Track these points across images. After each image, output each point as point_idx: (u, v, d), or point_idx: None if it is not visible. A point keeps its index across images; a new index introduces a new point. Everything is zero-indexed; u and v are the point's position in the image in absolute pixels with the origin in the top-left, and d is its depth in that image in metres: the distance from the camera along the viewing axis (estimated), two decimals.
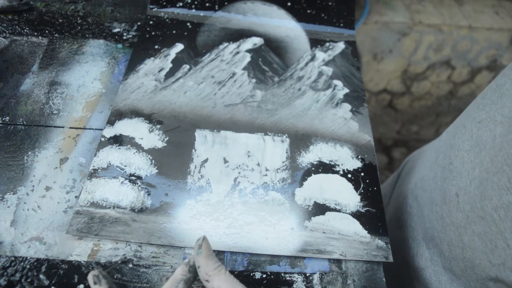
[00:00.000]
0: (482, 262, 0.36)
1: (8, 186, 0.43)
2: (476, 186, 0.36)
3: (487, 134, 0.37)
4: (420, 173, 0.53)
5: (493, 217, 0.34)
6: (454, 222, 0.40)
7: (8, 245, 0.39)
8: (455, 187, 0.40)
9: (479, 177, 0.36)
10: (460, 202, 0.39)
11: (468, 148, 0.39)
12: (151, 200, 0.43)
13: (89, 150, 0.47)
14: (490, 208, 0.34)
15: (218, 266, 0.33)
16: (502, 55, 1.07)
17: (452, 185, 0.41)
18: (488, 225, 0.35)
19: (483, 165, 0.36)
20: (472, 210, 0.37)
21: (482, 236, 0.36)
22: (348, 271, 0.41)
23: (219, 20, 0.64)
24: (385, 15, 0.94)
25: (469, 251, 0.38)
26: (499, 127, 0.35)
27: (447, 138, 0.48)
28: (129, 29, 0.62)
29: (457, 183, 0.40)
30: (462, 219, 0.39)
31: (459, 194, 0.39)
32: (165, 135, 0.49)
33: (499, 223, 0.33)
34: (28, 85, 0.53)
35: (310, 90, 0.56)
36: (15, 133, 0.48)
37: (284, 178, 0.47)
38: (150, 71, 0.56)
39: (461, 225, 0.39)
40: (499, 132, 0.35)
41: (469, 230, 0.38)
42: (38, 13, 0.62)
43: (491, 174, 0.34)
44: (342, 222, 0.44)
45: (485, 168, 0.35)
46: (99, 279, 0.34)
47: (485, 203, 0.35)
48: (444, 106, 1.26)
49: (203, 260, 0.33)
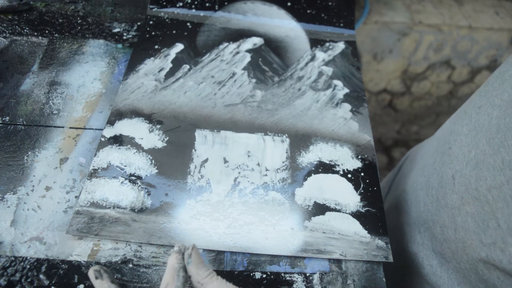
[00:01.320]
0: (473, 242, 0.37)
1: (8, 186, 0.43)
2: (472, 167, 0.37)
3: (485, 118, 0.37)
4: (420, 163, 0.54)
5: (486, 197, 0.35)
6: (449, 203, 0.41)
7: (8, 245, 0.39)
8: (452, 170, 0.41)
9: (475, 159, 0.37)
10: (455, 184, 0.40)
11: (466, 132, 0.40)
12: (151, 200, 0.43)
13: (89, 150, 0.47)
14: (484, 188, 0.35)
15: (209, 274, 0.33)
16: (502, 55, 1.07)
17: (449, 168, 0.42)
18: (481, 205, 0.36)
19: (479, 148, 0.37)
20: (467, 191, 0.38)
21: (475, 216, 0.37)
22: (348, 271, 0.41)
23: (219, 20, 0.64)
24: (385, 15, 0.94)
25: (462, 232, 0.39)
26: (497, 110, 0.36)
27: (448, 126, 0.48)
28: (129, 29, 0.62)
29: (454, 166, 0.41)
30: (456, 201, 0.40)
31: (455, 177, 0.40)
32: (165, 135, 0.49)
33: (492, 203, 0.34)
34: (28, 85, 0.53)
35: (310, 90, 0.56)
36: (15, 133, 0.48)
37: (284, 178, 0.47)
38: (150, 71, 0.56)
39: (455, 206, 0.40)
40: (496, 115, 0.36)
41: (463, 211, 0.38)
42: (38, 13, 0.62)
43: (487, 156, 0.35)
44: (342, 222, 0.44)
45: (482, 150, 0.36)
46: (100, 274, 0.34)
47: (480, 183, 0.36)
48: (444, 106, 1.26)
49: (194, 269, 0.33)
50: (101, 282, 0.33)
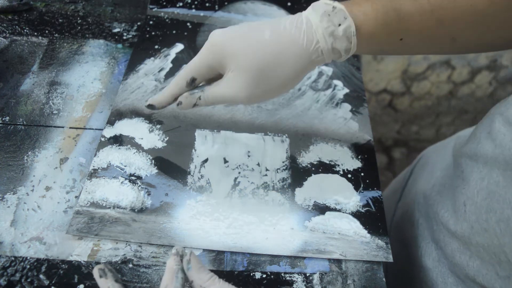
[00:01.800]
0: (489, 273, 0.36)
1: (8, 186, 0.43)
2: (483, 197, 0.36)
3: (502, 140, 0.36)
4: (434, 174, 0.52)
5: (495, 230, 0.34)
6: (459, 231, 0.40)
7: (8, 245, 0.39)
8: (463, 196, 0.40)
9: (486, 189, 0.36)
10: (466, 212, 0.39)
11: (482, 157, 0.39)
12: (151, 200, 0.43)
13: (89, 150, 0.47)
14: (493, 221, 0.34)
15: (211, 277, 0.33)
16: (502, 55, 1.07)
17: (461, 193, 0.41)
18: (490, 237, 0.35)
19: (493, 177, 0.35)
20: (477, 221, 0.37)
21: (486, 248, 0.36)
22: (348, 271, 0.41)
23: (219, 20, 0.64)
24: None
25: (477, 260, 0.38)
26: (508, 136, 0.35)
27: (463, 139, 0.47)
28: (129, 29, 0.62)
29: (466, 192, 0.40)
30: (467, 229, 0.39)
31: (466, 204, 0.39)
32: (165, 135, 0.49)
33: (500, 236, 0.33)
34: (28, 85, 0.53)
35: (310, 90, 0.56)
36: (15, 133, 0.48)
37: (284, 178, 0.47)
38: (150, 71, 0.56)
39: (465, 234, 0.39)
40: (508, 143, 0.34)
41: (474, 240, 0.37)
42: (38, 13, 0.62)
43: (499, 187, 0.34)
44: (342, 222, 0.44)
45: (495, 181, 0.35)
46: (104, 273, 0.34)
47: (490, 215, 0.35)
48: (444, 106, 1.26)
49: (195, 274, 0.33)
50: (105, 280, 0.33)
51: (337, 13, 0.34)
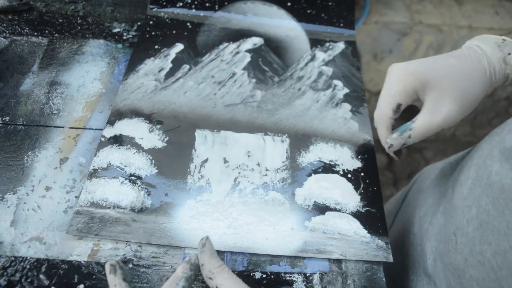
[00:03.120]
0: None
1: (8, 186, 0.43)
2: (475, 228, 0.35)
3: (485, 172, 0.36)
4: (427, 201, 0.51)
5: (491, 263, 0.33)
6: (453, 263, 0.38)
7: (8, 245, 0.39)
8: (453, 226, 0.39)
9: (477, 219, 0.35)
10: (458, 243, 0.38)
11: (468, 185, 0.38)
12: (151, 200, 0.43)
13: (89, 150, 0.47)
14: (489, 253, 0.33)
15: (221, 265, 0.34)
16: None
17: (450, 223, 0.40)
18: (486, 271, 0.33)
19: (482, 206, 0.35)
20: (471, 253, 0.35)
21: (481, 282, 0.34)
22: (348, 271, 0.41)
23: (219, 20, 0.64)
24: (385, 15, 0.94)
25: None
26: (497, 165, 0.34)
27: (454, 162, 0.46)
28: (129, 29, 0.62)
29: (455, 221, 0.39)
30: (460, 261, 0.37)
31: (456, 234, 0.38)
32: (165, 135, 0.49)
33: (496, 270, 0.32)
34: (28, 85, 0.53)
35: (310, 90, 0.56)
36: (15, 133, 0.48)
37: (284, 178, 0.47)
38: (150, 71, 0.56)
39: (459, 267, 0.37)
40: (495, 170, 0.34)
41: (467, 274, 0.36)
42: (38, 13, 0.62)
43: (491, 217, 0.33)
44: (342, 222, 0.44)
45: (485, 209, 0.34)
46: (115, 270, 0.34)
47: (485, 247, 0.34)
48: None
49: (207, 258, 0.34)
50: (114, 277, 0.33)
51: (507, 45, 0.41)
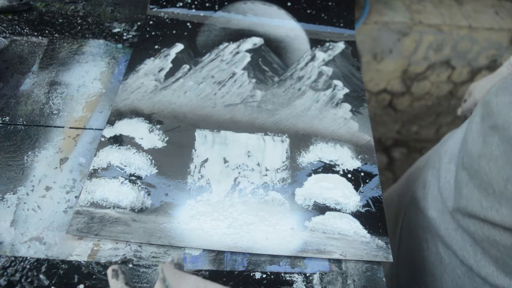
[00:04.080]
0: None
1: (8, 186, 0.43)
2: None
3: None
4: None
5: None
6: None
7: (8, 245, 0.39)
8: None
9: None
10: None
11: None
12: (151, 200, 0.43)
13: (89, 150, 0.47)
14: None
15: (182, 274, 0.32)
16: (502, 55, 1.07)
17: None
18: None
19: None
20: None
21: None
22: (348, 271, 0.41)
23: (219, 20, 0.64)
24: (385, 15, 0.94)
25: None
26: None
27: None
28: (129, 29, 0.62)
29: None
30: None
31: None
32: (165, 135, 0.49)
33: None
34: (28, 85, 0.53)
35: (310, 90, 0.56)
36: (15, 133, 0.48)
37: (284, 178, 0.47)
38: (150, 71, 0.56)
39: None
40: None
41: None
42: (38, 13, 0.62)
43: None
44: (342, 222, 0.44)
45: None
46: (117, 274, 0.34)
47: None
48: (444, 106, 1.26)
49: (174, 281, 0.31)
50: (116, 282, 0.33)
51: None
